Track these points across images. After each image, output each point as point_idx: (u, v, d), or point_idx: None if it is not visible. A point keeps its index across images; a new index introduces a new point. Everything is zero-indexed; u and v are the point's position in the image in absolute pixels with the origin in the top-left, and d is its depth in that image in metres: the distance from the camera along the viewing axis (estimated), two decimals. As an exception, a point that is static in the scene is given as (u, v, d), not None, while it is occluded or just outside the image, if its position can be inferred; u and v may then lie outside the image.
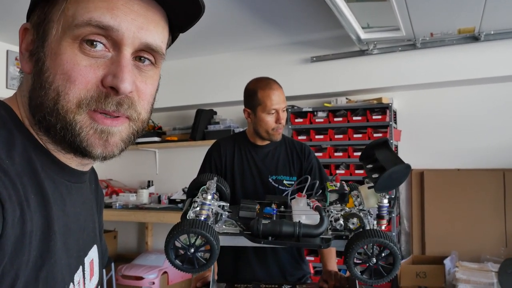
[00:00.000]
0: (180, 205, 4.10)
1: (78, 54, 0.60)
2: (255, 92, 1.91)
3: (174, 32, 0.73)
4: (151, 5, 0.64)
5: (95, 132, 0.62)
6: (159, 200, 4.48)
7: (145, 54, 0.65)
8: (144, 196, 4.43)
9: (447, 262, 3.25)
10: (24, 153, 0.59)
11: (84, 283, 0.72)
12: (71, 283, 0.67)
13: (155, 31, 0.65)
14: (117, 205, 4.15)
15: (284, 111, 1.91)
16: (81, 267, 0.71)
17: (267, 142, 1.97)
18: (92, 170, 0.79)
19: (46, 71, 0.60)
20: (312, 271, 2.68)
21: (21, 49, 0.65)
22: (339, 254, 2.93)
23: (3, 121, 0.60)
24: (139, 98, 0.65)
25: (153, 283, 3.85)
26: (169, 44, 0.73)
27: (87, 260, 0.74)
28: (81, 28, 0.59)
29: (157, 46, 0.65)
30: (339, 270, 1.84)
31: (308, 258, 3.57)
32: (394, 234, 3.48)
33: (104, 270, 3.67)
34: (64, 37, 0.60)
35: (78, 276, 0.69)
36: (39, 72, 0.61)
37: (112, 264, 3.85)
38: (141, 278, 3.85)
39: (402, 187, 3.84)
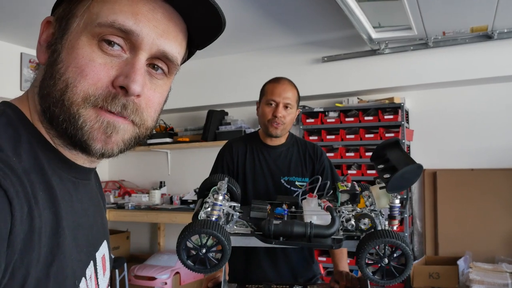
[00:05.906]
0: (192, 206, 4.12)
1: (95, 51, 0.61)
2: (264, 85, 1.98)
3: (192, 47, 0.75)
4: (174, 16, 0.66)
5: (100, 126, 0.62)
6: (171, 201, 4.50)
7: (159, 62, 0.66)
8: (156, 196, 4.46)
9: (460, 262, 3.22)
10: (31, 151, 0.60)
11: (97, 278, 0.72)
12: (83, 278, 0.67)
13: (173, 41, 0.66)
14: (130, 205, 4.19)
15: (287, 108, 1.89)
16: (92, 262, 0.71)
17: (279, 143, 1.96)
18: (94, 171, 0.79)
19: (60, 62, 0.62)
20: (323, 271, 2.67)
21: (40, 40, 0.67)
22: (350, 254, 2.92)
23: (9, 120, 0.61)
24: (146, 105, 0.66)
25: (166, 283, 3.87)
26: (184, 60, 0.74)
27: (98, 255, 0.74)
28: (103, 28, 0.61)
29: (173, 56, 0.66)
30: (351, 270, 1.84)
31: (319, 258, 3.56)
32: (406, 234, 3.46)
33: (117, 271, 3.72)
34: (84, 32, 0.62)
35: (89, 271, 0.70)
36: (52, 63, 0.63)
37: (125, 265, 3.88)
38: (153, 279, 3.87)
39: (415, 187, 3.81)
